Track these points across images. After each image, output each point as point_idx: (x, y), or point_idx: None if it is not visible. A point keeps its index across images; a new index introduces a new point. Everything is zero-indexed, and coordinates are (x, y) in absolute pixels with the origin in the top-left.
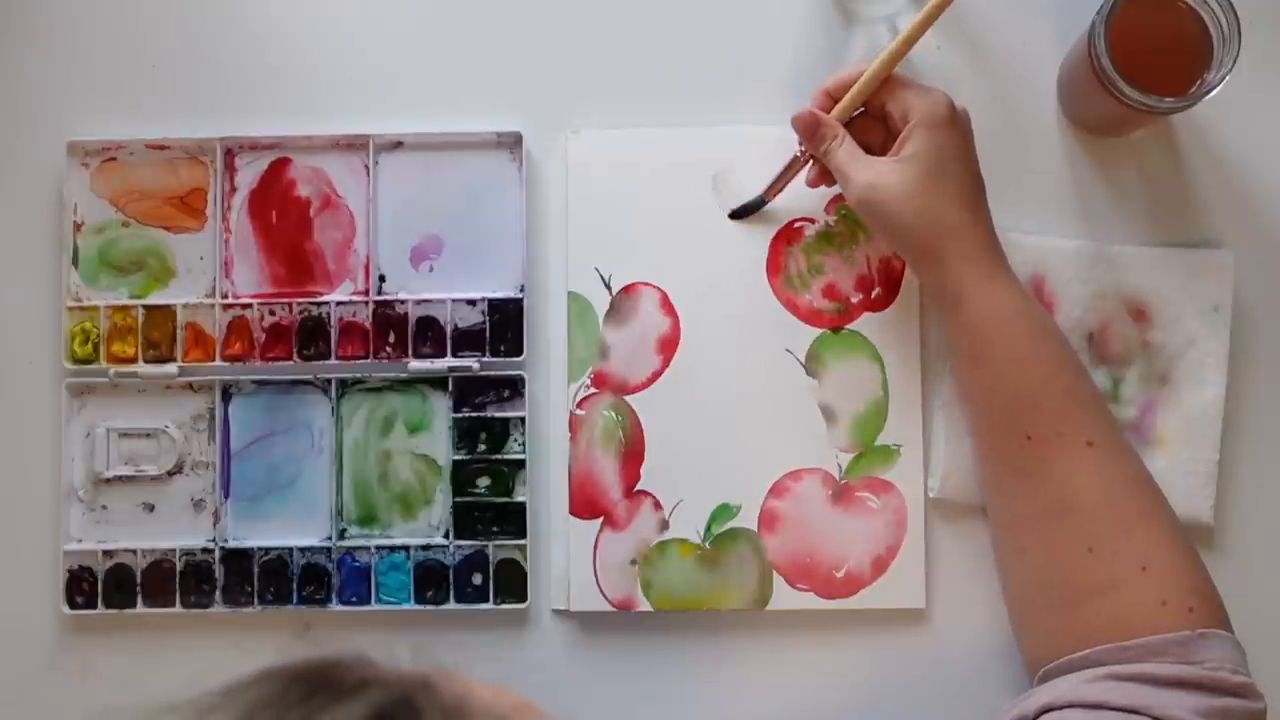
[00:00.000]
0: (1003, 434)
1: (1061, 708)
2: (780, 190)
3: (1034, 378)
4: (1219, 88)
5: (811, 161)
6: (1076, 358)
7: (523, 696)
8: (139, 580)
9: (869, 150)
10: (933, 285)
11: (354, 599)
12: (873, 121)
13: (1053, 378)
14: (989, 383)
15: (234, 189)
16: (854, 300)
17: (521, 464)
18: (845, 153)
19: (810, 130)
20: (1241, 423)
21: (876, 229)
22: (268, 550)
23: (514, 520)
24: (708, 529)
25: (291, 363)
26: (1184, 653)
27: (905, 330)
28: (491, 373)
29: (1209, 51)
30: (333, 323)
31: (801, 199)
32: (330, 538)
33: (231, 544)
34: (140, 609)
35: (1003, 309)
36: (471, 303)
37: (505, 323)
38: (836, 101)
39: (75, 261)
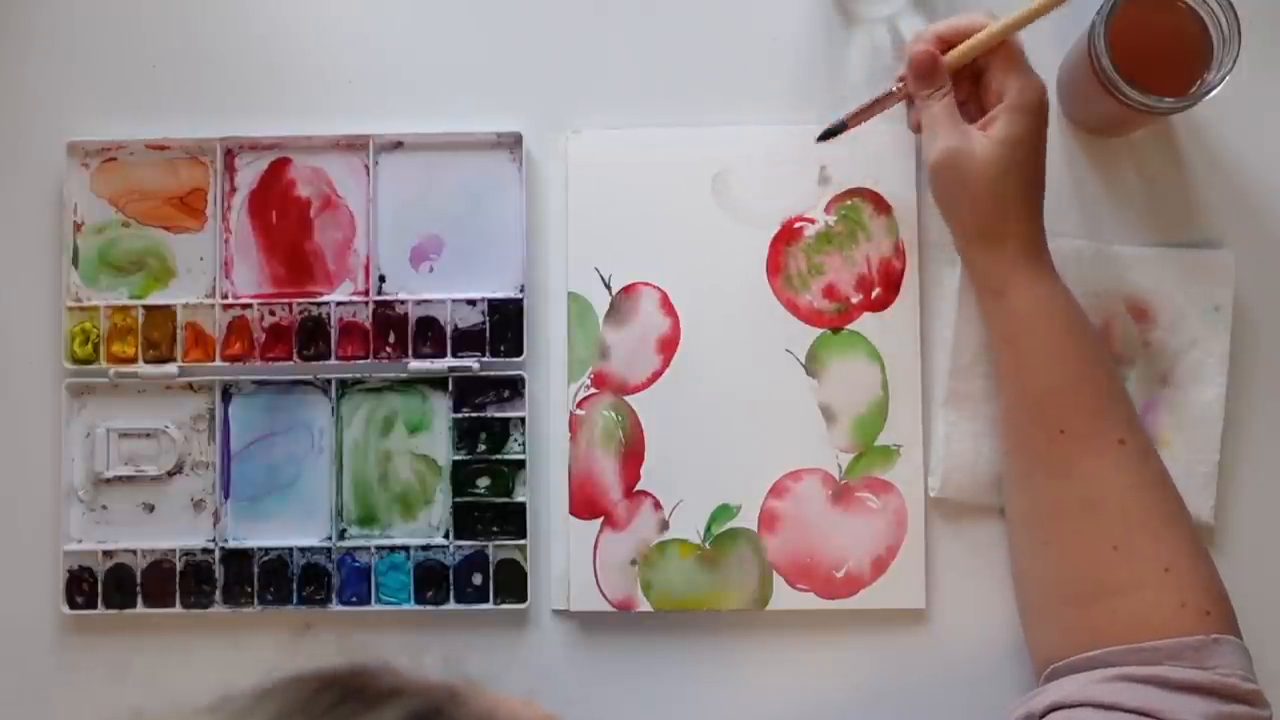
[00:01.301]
0: (1035, 427)
1: (1071, 706)
2: (865, 119)
3: (1071, 372)
4: (1219, 88)
5: (908, 102)
6: (1109, 357)
7: (550, 712)
8: (139, 580)
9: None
10: (979, 267)
11: (354, 599)
12: (963, 77)
13: (1089, 374)
14: (1023, 373)
15: (234, 189)
16: (854, 300)
17: (521, 464)
18: (944, 108)
19: (925, 70)
20: (1241, 423)
21: (946, 195)
22: (268, 550)
23: (514, 520)
24: (708, 529)
25: (291, 363)
26: (1197, 657)
27: (905, 330)
28: (491, 373)
29: (1209, 51)
30: (333, 323)
31: (801, 198)
32: (330, 538)
33: (231, 544)
34: (140, 609)
35: (1044, 301)
36: (471, 303)
37: (505, 323)
38: (948, 47)
39: (75, 261)
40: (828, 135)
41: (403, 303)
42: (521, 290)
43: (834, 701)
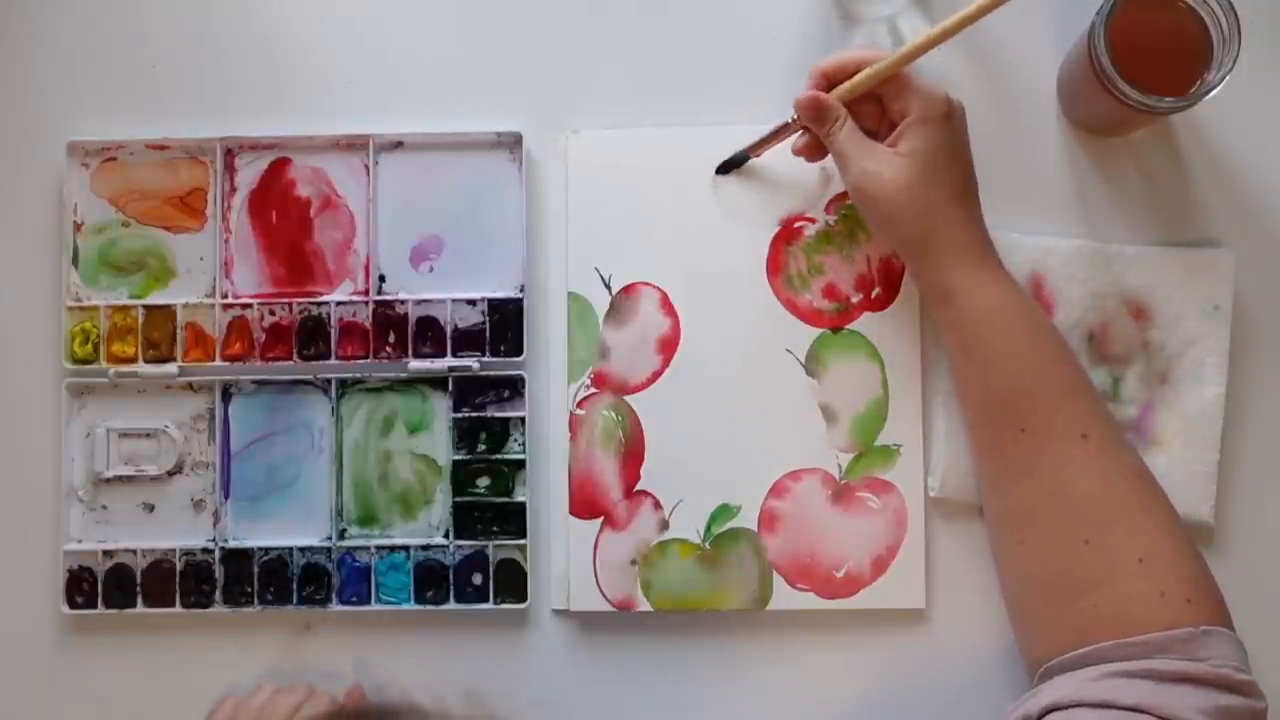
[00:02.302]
0: (997, 428)
1: (1067, 707)
2: (765, 149)
3: (1026, 371)
4: (1219, 88)
5: (803, 131)
6: (1070, 352)
7: None
8: (139, 580)
9: (863, 131)
10: (923, 278)
11: (354, 599)
12: (868, 105)
13: (1045, 371)
14: (981, 376)
15: (234, 189)
16: (854, 300)
17: (521, 464)
18: (847, 136)
19: (815, 114)
20: (1241, 423)
21: (870, 217)
22: (268, 550)
23: (514, 520)
24: (708, 529)
25: (291, 363)
26: (1188, 649)
27: (905, 330)
28: (491, 373)
29: (1209, 51)
30: (333, 323)
31: (801, 198)
32: (330, 538)
33: (231, 544)
34: (140, 609)
35: (993, 303)
36: (471, 303)
37: (505, 323)
38: (833, 84)
39: (75, 261)
40: (728, 167)
41: (403, 303)
42: (521, 290)
43: (834, 701)
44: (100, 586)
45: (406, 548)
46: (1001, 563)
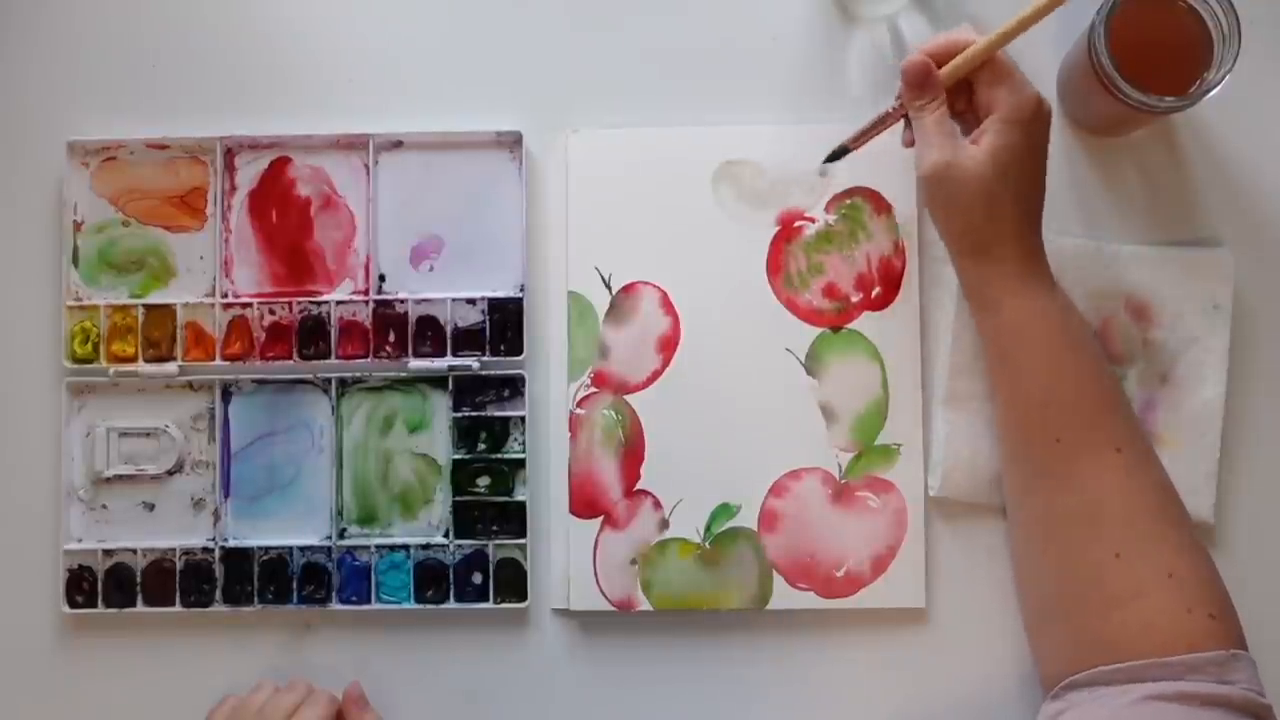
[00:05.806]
0: (1032, 435)
1: None
2: (867, 140)
3: (1067, 382)
4: (1219, 88)
5: (906, 121)
6: (1109, 364)
7: None
8: (139, 580)
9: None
10: (974, 281)
11: (354, 598)
12: (958, 91)
13: (1086, 383)
14: (1021, 384)
15: (234, 188)
16: (854, 300)
17: (521, 463)
18: (936, 120)
19: (920, 80)
20: (1241, 422)
21: (937, 208)
22: (268, 549)
23: (514, 520)
24: (708, 528)
25: (291, 362)
26: (1219, 672)
27: (905, 330)
28: (491, 372)
29: (1209, 51)
30: (333, 322)
31: (801, 197)
32: (330, 537)
33: (231, 543)
34: (140, 608)
35: (1039, 315)
36: (471, 302)
37: (505, 322)
38: (938, 64)
39: (75, 261)
40: (832, 159)
41: (403, 302)
42: (521, 289)
43: (834, 701)
44: (100, 586)
45: (406, 547)
46: (1024, 572)
